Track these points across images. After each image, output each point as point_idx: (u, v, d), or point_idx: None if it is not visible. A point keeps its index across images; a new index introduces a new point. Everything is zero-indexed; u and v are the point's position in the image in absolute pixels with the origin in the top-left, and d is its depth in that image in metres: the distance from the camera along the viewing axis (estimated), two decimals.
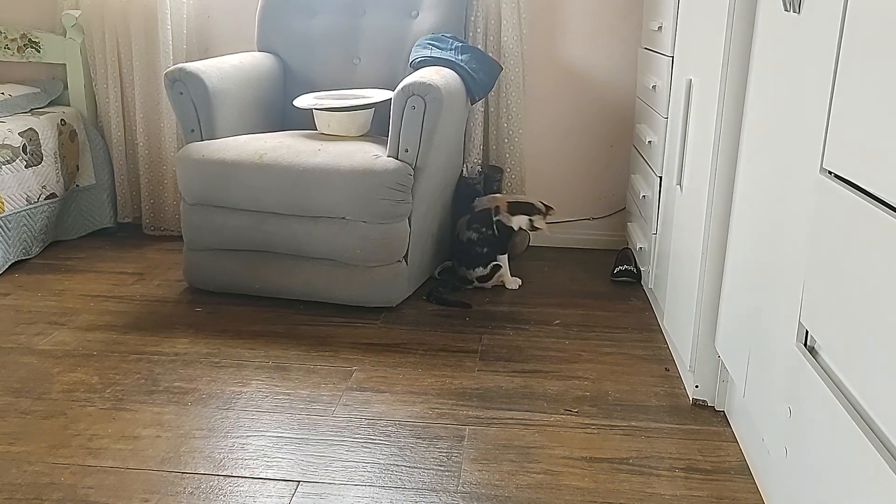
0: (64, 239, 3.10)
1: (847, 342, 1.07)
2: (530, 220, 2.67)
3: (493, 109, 3.03)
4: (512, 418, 1.84)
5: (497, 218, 2.62)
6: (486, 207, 2.65)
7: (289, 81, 2.94)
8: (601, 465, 1.65)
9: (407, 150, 2.35)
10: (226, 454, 1.67)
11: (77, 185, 3.11)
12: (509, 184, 3.06)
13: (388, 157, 2.35)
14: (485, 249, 2.62)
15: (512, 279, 2.69)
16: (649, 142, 2.48)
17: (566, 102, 3.11)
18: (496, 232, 2.62)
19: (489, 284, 2.66)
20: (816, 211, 1.20)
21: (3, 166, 2.69)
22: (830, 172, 1.17)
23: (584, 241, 3.18)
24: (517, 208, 2.66)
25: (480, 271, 2.63)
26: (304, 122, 2.83)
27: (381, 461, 1.66)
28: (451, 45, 2.69)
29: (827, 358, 1.17)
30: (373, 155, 2.36)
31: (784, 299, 1.35)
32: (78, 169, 3.10)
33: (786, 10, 1.39)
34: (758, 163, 1.55)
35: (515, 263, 2.82)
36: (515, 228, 2.66)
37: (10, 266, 2.78)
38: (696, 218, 1.87)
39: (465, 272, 2.64)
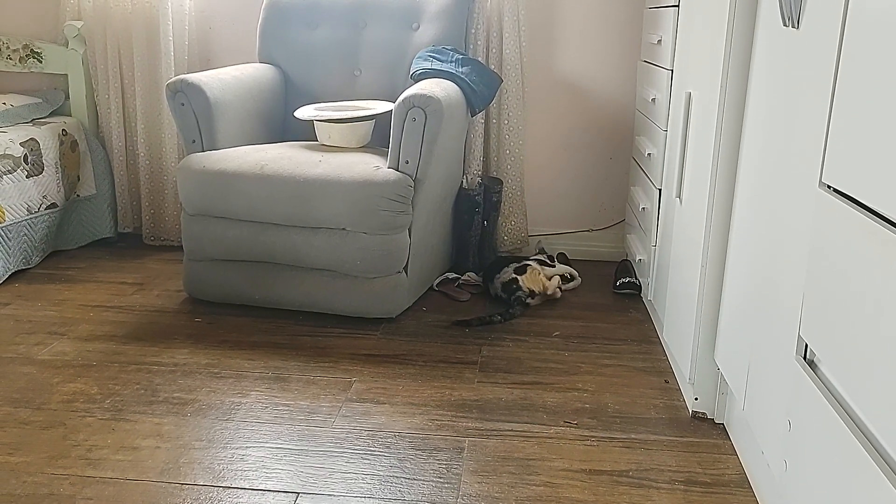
0: (64, 249, 3.10)
1: (847, 356, 1.07)
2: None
3: (493, 121, 3.04)
4: (511, 430, 1.84)
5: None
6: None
7: (290, 93, 2.95)
8: (601, 478, 1.65)
9: (407, 162, 2.36)
10: (225, 465, 1.67)
11: (77, 195, 3.11)
12: (509, 195, 3.07)
13: (389, 168, 2.36)
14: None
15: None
16: (649, 154, 2.49)
17: (566, 114, 3.12)
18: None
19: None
20: (815, 225, 1.20)
21: (4, 176, 2.70)
22: (829, 187, 1.17)
23: (583, 253, 3.18)
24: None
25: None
26: (304, 133, 2.84)
27: (381, 473, 1.66)
28: (452, 57, 2.70)
29: (826, 371, 1.17)
30: (373, 166, 2.36)
31: (783, 312, 1.35)
32: (79, 179, 3.11)
33: (785, 25, 1.40)
34: (757, 176, 1.56)
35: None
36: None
37: (10, 276, 2.78)
38: (695, 230, 1.87)
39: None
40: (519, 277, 2.62)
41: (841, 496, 1.07)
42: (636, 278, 2.75)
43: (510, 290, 2.60)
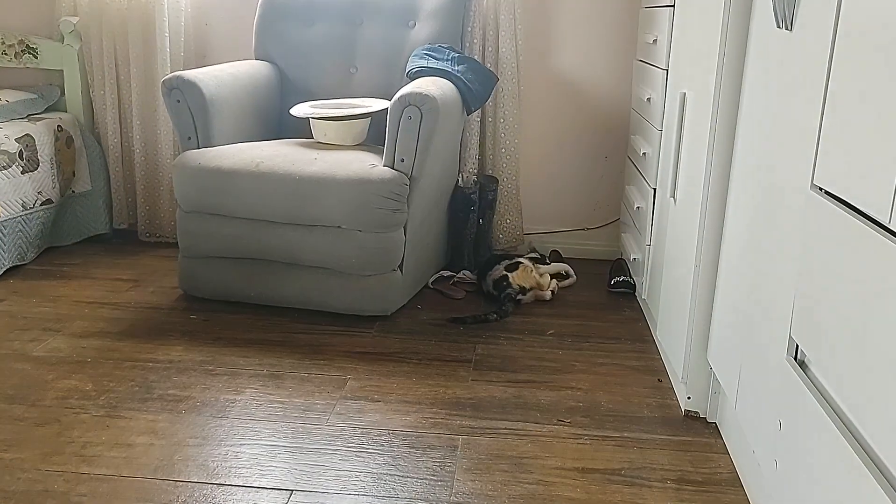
0: (59, 245, 3.10)
1: (837, 356, 1.08)
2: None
3: (489, 120, 3.04)
4: (505, 428, 1.85)
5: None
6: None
7: (286, 90, 2.95)
8: (593, 476, 1.66)
9: (403, 160, 2.36)
10: (219, 462, 1.68)
11: (73, 192, 3.11)
12: (505, 193, 3.07)
13: (384, 166, 2.37)
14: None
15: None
16: (644, 153, 2.50)
17: (562, 113, 3.12)
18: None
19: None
20: (807, 226, 1.21)
21: None
22: (821, 189, 1.18)
23: (577, 251, 3.19)
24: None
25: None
26: (300, 130, 2.84)
27: (375, 470, 1.66)
28: (448, 55, 2.71)
29: (817, 372, 1.18)
30: (369, 164, 2.37)
31: (775, 313, 1.36)
32: (74, 175, 3.11)
33: (778, 26, 1.41)
34: (750, 177, 1.57)
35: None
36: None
37: (5, 272, 2.78)
38: (689, 230, 1.88)
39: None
40: (509, 274, 2.63)
41: (830, 495, 1.07)
42: (630, 277, 2.76)
43: (501, 287, 2.61)
